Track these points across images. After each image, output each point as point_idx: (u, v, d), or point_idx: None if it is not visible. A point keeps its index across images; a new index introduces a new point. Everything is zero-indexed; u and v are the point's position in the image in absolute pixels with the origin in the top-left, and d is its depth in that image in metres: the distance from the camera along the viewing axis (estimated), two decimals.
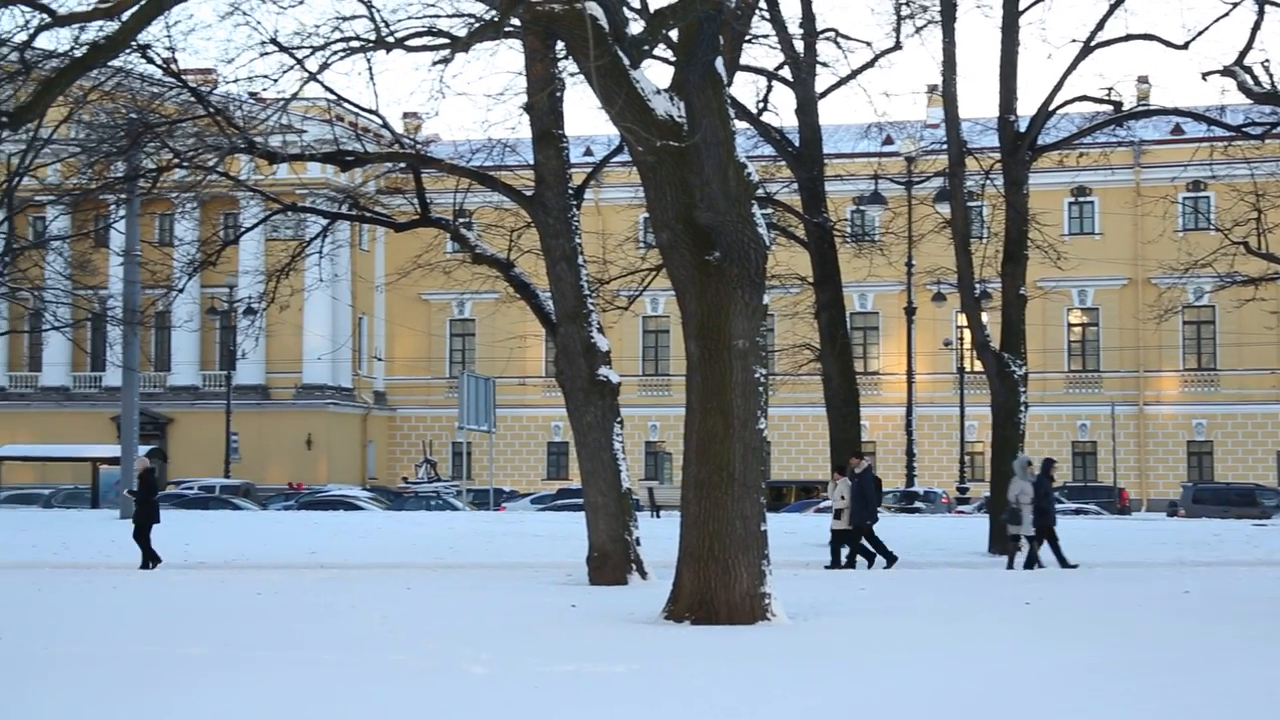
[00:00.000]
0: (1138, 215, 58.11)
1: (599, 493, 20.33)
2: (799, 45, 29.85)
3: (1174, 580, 20.61)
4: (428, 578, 21.42)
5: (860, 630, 14.35)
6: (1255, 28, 27.76)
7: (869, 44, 31.15)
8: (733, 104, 16.28)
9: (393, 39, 17.21)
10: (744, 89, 60.65)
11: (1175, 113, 33.62)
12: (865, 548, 23.89)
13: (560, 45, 19.01)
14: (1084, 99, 29.63)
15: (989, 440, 30.07)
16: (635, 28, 16.03)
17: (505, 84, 57.95)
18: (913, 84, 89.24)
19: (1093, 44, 28.63)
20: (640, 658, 12.25)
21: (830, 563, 23.93)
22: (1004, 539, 24.91)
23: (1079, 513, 44.09)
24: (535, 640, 13.44)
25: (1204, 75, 28.41)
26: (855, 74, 30.82)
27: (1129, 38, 29.16)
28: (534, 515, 43.36)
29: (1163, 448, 64.25)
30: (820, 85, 30.61)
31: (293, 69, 18.90)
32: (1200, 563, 25.17)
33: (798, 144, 30.57)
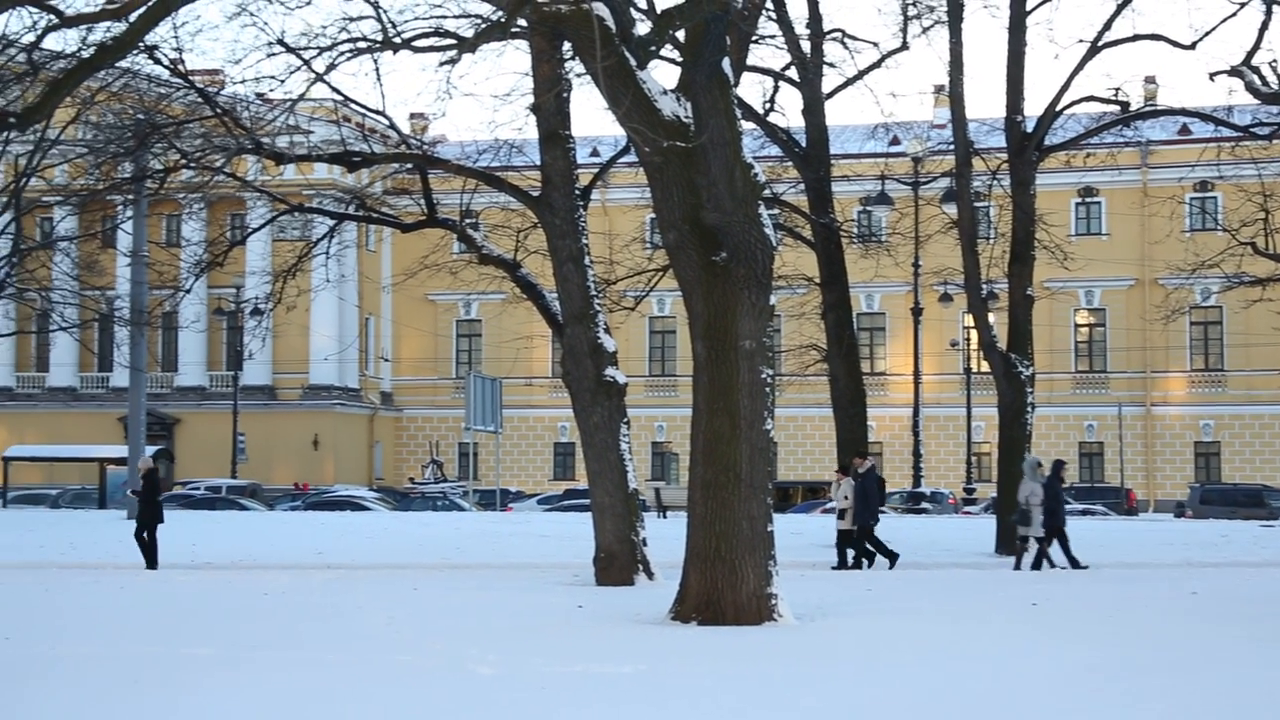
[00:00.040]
0: (1145, 216, 57.94)
1: (605, 493, 20.32)
2: (806, 46, 29.82)
3: (1181, 581, 20.54)
4: (434, 578, 21.41)
5: (867, 631, 14.33)
6: (1263, 28, 27.77)
7: (876, 44, 31.10)
8: (739, 104, 16.30)
9: (399, 40, 17.20)
10: (751, 89, 60.87)
11: (1182, 113, 33.64)
12: (865, 548, 23.89)
13: (567, 46, 19.00)
14: (1091, 99, 29.62)
15: (996, 441, 30.07)
16: (642, 28, 16.03)
17: (512, 85, 58.09)
18: (919, 84, 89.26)
19: (1100, 44, 28.62)
20: (647, 658, 12.24)
21: (837, 564, 23.93)
22: (1012, 539, 24.90)
23: (1086, 513, 44.06)
24: (542, 641, 13.44)
25: (1211, 75, 28.42)
26: (862, 74, 30.77)
27: (1136, 38, 29.16)
28: (540, 516, 43.40)
29: (1170, 448, 64.17)
30: (827, 86, 30.67)
31: (300, 70, 18.92)
32: (1207, 564, 25.17)
33: (804, 144, 30.54)
